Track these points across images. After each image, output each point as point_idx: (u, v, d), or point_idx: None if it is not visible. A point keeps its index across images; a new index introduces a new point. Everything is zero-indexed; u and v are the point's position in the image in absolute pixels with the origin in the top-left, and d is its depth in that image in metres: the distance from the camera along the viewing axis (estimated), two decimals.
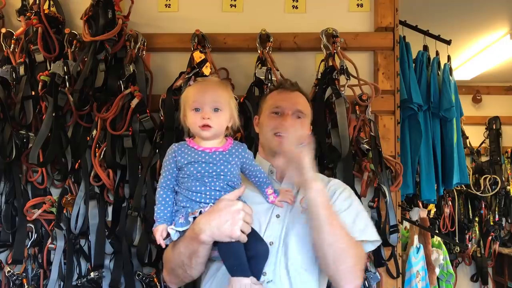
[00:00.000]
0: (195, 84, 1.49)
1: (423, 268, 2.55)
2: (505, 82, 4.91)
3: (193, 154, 1.39)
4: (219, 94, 1.42)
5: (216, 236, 1.32)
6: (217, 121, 1.39)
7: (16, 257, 2.07)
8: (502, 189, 4.52)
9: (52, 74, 2.07)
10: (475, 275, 4.69)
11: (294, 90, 1.69)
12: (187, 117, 1.43)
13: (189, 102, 1.41)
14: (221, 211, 1.32)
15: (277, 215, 1.49)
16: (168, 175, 1.42)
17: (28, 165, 2.12)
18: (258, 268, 1.35)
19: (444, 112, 2.56)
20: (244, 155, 1.45)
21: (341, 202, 1.53)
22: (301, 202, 1.49)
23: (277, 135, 1.57)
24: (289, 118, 1.59)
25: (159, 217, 1.41)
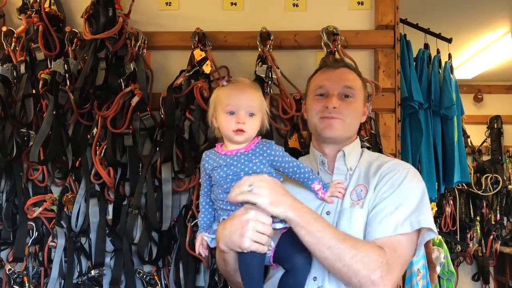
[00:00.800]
0: (230, 85, 1.40)
1: (424, 266, 2.53)
2: (506, 81, 4.90)
3: (217, 159, 1.38)
4: (255, 98, 1.38)
5: (229, 246, 1.27)
6: (251, 126, 1.36)
7: (17, 255, 2.07)
8: (504, 188, 4.52)
9: (53, 72, 2.08)
10: (476, 274, 4.69)
11: (339, 67, 1.55)
12: (218, 119, 1.39)
13: (223, 104, 1.37)
14: (233, 220, 1.27)
15: (327, 212, 1.39)
16: (204, 182, 1.44)
17: (28, 163, 2.13)
18: (297, 282, 1.30)
19: (445, 110, 2.56)
20: (270, 152, 1.37)
21: (386, 189, 1.37)
22: (351, 194, 1.41)
23: (322, 118, 1.47)
24: (334, 99, 1.46)
25: (200, 225, 1.43)
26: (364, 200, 1.38)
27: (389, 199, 1.35)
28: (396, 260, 1.27)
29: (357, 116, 1.53)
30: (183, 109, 2.07)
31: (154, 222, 2.02)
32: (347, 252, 1.23)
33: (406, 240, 1.32)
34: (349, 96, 1.49)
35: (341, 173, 1.48)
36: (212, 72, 2.11)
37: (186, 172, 2.03)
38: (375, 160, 1.50)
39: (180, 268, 2.02)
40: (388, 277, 1.24)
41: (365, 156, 1.53)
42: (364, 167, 1.48)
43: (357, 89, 1.52)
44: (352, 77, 1.53)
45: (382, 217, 1.32)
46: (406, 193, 1.36)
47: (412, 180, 1.40)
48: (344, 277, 1.26)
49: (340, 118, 1.46)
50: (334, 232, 1.26)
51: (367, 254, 1.24)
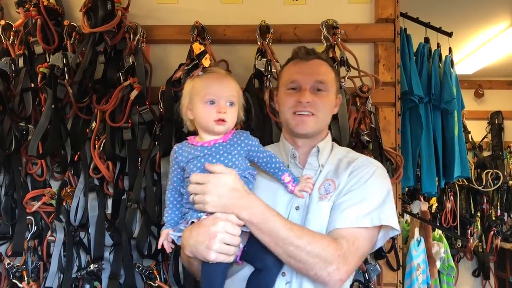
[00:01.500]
0: (207, 75, 1.38)
1: (424, 261, 2.54)
2: (507, 76, 4.89)
3: (193, 151, 1.34)
4: (234, 87, 1.36)
5: (195, 255, 1.25)
6: (232, 116, 1.34)
7: (16, 249, 2.07)
8: (504, 183, 4.52)
9: (51, 66, 2.07)
10: (476, 270, 4.70)
11: (310, 59, 1.51)
12: (196, 110, 1.34)
13: (201, 94, 1.33)
14: (200, 229, 1.24)
15: (297, 207, 1.40)
16: (174, 177, 1.39)
17: (27, 157, 2.12)
18: (267, 281, 1.30)
19: (445, 104, 2.55)
20: (248, 142, 1.36)
21: (353, 183, 1.39)
22: (319, 188, 1.41)
23: (296, 114, 1.46)
24: (307, 94, 1.44)
25: (166, 221, 1.40)
26: (332, 194, 1.39)
27: (354, 193, 1.37)
28: (353, 253, 1.30)
29: (329, 109, 1.52)
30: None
31: (153, 216, 2.02)
32: (302, 249, 1.25)
33: (366, 233, 1.34)
34: (321, 90, 1.48)
35: (313, 169, 1.48)
36: (211, 65, 2.10)
37: None
38: (345, 156, 1.51)
39: (179, 262, 2.02)
40: (344, 268, 1.27)
41: (335, 151, 1.54)
42: (334, 163, 1.49)
43: (330, 82, 1.50)
44: (324, 70, 1.51)
45: (345, 208, 1.35)
46: (371, 189, 1.38)
47: (378, 178, 1.42)
48: (302, 271, 1.29)
49: (313, 113, 1.46)
50: (290, 230, 1.26)
51: (323, 249, 1.26)
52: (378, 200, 1.37)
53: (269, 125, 2.07)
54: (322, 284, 1.29)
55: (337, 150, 1.55)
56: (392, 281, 2.16)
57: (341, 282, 1.28)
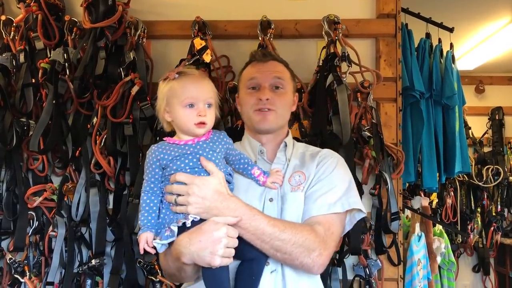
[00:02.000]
0: (183, 77, 1.37)
1: (424, 256, 2.54)
2: (508, 72, 4.88)
3: (177, 149, 1.34)
4: (211, 88, 1.38)
5: (196, 261, 1.25)
6: (211, 117, 1.36)
7: (17, 244, 2.07)
8: (505, 179, 4.53)
9: (52, 62, 2.06)
10: (477, 265, 4.70)
11: (267, 60, 1.60)
12: (175, 113, 1.35)
13: (180, 98, 1.33)
14: (202, 235, 1.24)
15: (270, 199, 1.44)
16: (151, 177, 1.35)
17: (28, 152, 2.13)
18: (255, 271, 1.33)
19: (446, 99, 2.55)
20: (226, 140, 1.42)
21: (321, 173, 1.48)
22: (289, 180, 1.48)
23: (257, 111, 1.52)
24: (266, 91, 1.52)
25: (143, 224, 1.33)
26: (304, 184, 1.47)
27: (324, 182, 1.47)
28: (330, 237, 1.39)
29: (288, 106, 1.59)
30: None
31: None
32: (287, 241, 1.31)
33: (338, 218, 1.45)
34: (279, 88, 1.55)
35: (281, 163, 1.54)
36: (212, 61, 2.10)
37: None
38: (306, 150, 1.60)
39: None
40: (325, 253, 1.36)
41: (296, 146, 1.62)
42: (298, 157, 1.56)
43: (286, 80, 1.58)
44: (281, 69, 1.59)
45: (317, 196, 1.44)
46: (337, 178, 1.49)
47: (341, 167, 1.54)
48: (287, 261, 1.35)
49: (273, 109, 1.53)
50: (273, 225, 1.31)
51: (306, 238, 1.33)
52: (344, 186, 1.48)
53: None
54: (307, 270, 1.37)
55: (297, 145, 1.64)
56: (393, 276, 2.16)
57: (323, 266, 1.37)
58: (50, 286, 2.05)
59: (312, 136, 2.05)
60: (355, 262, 2.13)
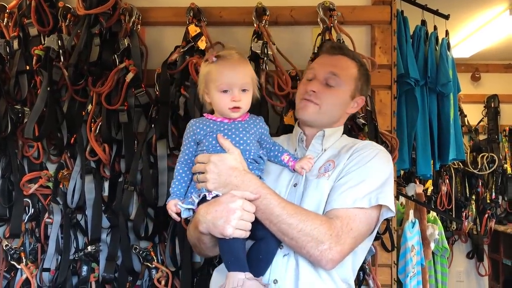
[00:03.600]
0: (220, 62, 1.41)
1: (418, 242, 2.57)
2: (504, 59, 4.87)
3: (212, 125, 1.41)
4: (246, 73, 1.42)
5: (211, 231, 1.29)
6: (246, 101, 1.41)
7: (13, 231, 2.08)
8: (499, 167, 4.55)
9: (47, 48, 2.05)
10: (471, 252, 4.74)
11: (334, 54, 1.56)
12: (212, 97, 1.42)
13: (216, 83, 1.39)
14: (218, 206, 1.28)
15: (295, 184, 1.45)
16: (186, 149, 1.44)
17: (23, 140, 2.12)
18: (268, 250, 1.36)
19: (441, 87, 2.55)
20: (262, 125, 1.47)
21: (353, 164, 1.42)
22: (319, 168, 1.46)
23: (302, 100, 1.52)
24: (315, 83, 1.50)
25: (172, 192, 1.43)
26: (331, 172, 1.43)
27: (354, 174, 1.39)
28: (347, 233, 1.31)
29: (337, 105, 1.55)
30: (178, 85, 2.06)
31: (150, 199, 2.03)
32: (294, 227, 1.28)
33: (363, 214, 1.35)
34: (332, 85, 1.52)
35: (315, 151, 1.53)
36: (207, 48, 2.09)
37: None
38: (350, 142, 1.54)
39: (176, 243, 2.03)
40: (336, 248, 1.29)
41: (342, 140, 1.58)
42: (337, 148, 1.52)
43: (345, 78, 1.53)
44: (344, 65, 1.54)
45: (344, 189, 1.37)
46: (372, 171, 1.40)
47: (380, 160, 1.44)
48: (295, 248, 1.33)
49: (316, 103, 1.50)
50: (283, 208, 1.30)
51: (315, 227, 1.29)
52: (378, 182, 1.39)
53: (265, 108, 2.07)
54: (315, 262, 1.33)
55: (345, 138, 1.59)
56: (386, 262, 2.18)
57: (333, 262, 1.31)
58: (47, 272, 2.06)
59: None
60: None
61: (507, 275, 4.51)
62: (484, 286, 4.83)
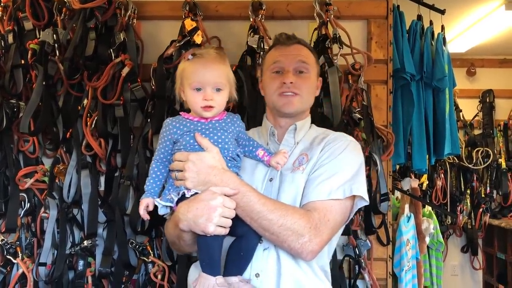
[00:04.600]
0: (195, 60, 1.40)
1: (413, 236, 2.58)
2: (499, 54, 4.88)
3: (189, 125, 1.39)
4: (221, 73, 1.40)
5: (192, 228, 1.31)
6: (219, 101, 1.39)
7: (9, 226, 2.08)
8: (494, 161, 4.55)
9: (42, 43, 2.05)
10: (465, 246, 4.77)
11: (292, 43, 1.58)
12: (186, 95, 1.41)
13: (189, 81, 1.38)
14: (199, 204, 1.30)
15: (271, 178, 1.47)
16: (162, 148, 1.43)
17: (19, 134, 2.12)
18: (248, 247, 1.37)
19: (437, 82, 2.55)
20: (239, 123, 1.46)
21: (326, 156, 1.46)
22: (293, 162, 1.48)
23: (281, 95, 1.52)
24: (290, 75, 1.51)
25: (147, 189, 1.43)
26: (305, 166, 1.46)
27: (328, 166, 1.43)
28: (325, 224, 1.36)
29: (312, 90, 1.60)
30: (174, 80, 2.04)
31: None
32: (275, 222, 1.31)
33: (338, 205, 1.40)
34: (303, 72, 1.54)
35: (288, 145, 1.56)
36: (203, 42, 2.09)
37: None
38: (321, 134, 1.58)
39: None
40: (316, 240, 1.33)
41: (311, 131, 1.61)
42: (309, 140, 1.56)
43: (311, 64, 1.57)
44: (305, 53, 1.58)
45: (319, 182, 1.41)
46: (344, 162, 1.45)
47: (352, 152, 1.49)
48: (277, 243, 1.36)
49: (298, 93, 1.53)
50: (263, 204, 1.33)
51: (295, 222, 1.32)
52: (351, 172, 1.44)
53: (262, 103, 2.05)
54: (296, 255, 1.36)
55: (314, 129, 1.63)
56: (382, 256, 2.20)
57: (313, 253, 1.35)
58: (43, 266, 2.06)
59: None
60: (344, 242, 2.16)
61: (501, 269, 4.53)
62: (478, 279, 4.86)
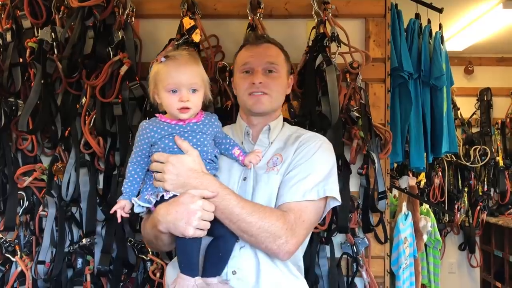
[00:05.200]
0: (168, 62, 1.39)
1: (411, 234, 2.59)
2: (497, 53, 4.89)
3: (167, 128, 1.38)
4: (196, 74, 1.39)
5: (172, 231, 1.32)
6: (195, 102, 1.38)
7: (8, 224, 2.08)
8: (492, 159, 4.58)
9: (40, 41, 2.05)
10: (462, 244, 4.79)
11: (261, 43, 1.61)
12: (161, 97, 1.39)
13: (164, 83, 1.37)
14: (179, 207, 1.30)
15: (244, 178, 1.49)
16: (139, 151, 1.42)
17: (17, 132, 2.12)
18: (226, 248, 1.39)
19: (435, 80, 2.56)
20: (217, 124, 1.46)
21: (300, 157, 1.48)
22: (267, 162, 1.50)
23: (251, 95, 1.55)
24: (259, 75, 1.53)
25: (125, 192, 1.43)
26: (280, 166, 1.48)
27: (301, 167, 1.46)
28: (300, 225, 1.39)
29: (282, 89, 1.61)
30: None
31: None
32: (253, 225, 1.33)
33: (313, 206, 1.43)
34: (272, 71, 1.56)
35: (263, 145, 1.57)
36: (202, 41, 2.09)
37: None
38: (293, 132, 1.61)
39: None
40: (292, 240, 1.36)
41: (285, 129, 1.63)
42: (283, 140, 1.58)
43: (280, 63, 1.59)
44: (274, 52, 1.60)
45: (293, 183, 1.43)
46: (317, 163, 1.47)
47: (324, 152, 1.51)
48: (254, 244, 1.38)
49: (267, 92, 1.55)
50: (242, 207, 1.34)
51: (272, 224, 1.34)
52: (323, 173, 1.46)
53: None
54: (273, 255, 1.39)
55: (287, 128, 1.65)
56: (379, 254, 2.21)
57: (289, 253, 1.38)
58: (42, 265, 2.06)
59: (301, 117, 2.06)
60: (342, 240, 2.17)
61: (499, 267, 4.55)
62: (476, 277, 4.88)
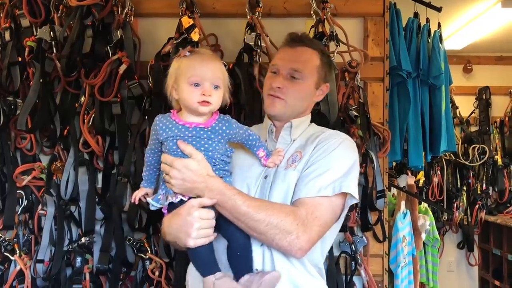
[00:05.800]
0: (193, 56, 1.38)
1: (409, 233, 2.59)
2: (495, 52, 4.89)
3: (173, 128, 1.36)
4: (220, 70, 1.38)
5: (177, 241, 1.35)
6: (216, 98, 1.36)
7: (7, 223, 2.09)
8: (490, 158, 4.58)
9: (39, 40, 2.05)
10: (461, 242, 4.79)
11: (295, 46, 1.56)
12: (181, 91, 1.36)
13: (187, 75, 1.34)
14: (178, 219, 1.32)
15: (266, 176, 1.48)
16: (152, 144, 1.44)
17: (16, 131, 2.12)
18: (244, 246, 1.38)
19: (433, 79, 2.56)
20: (228, 132, 1.39)
21: (318, 154, 1.45)
22: (288, 159, 1.49)
23: (269, 96, 1.54)
24: (280, 79, 1.52)
25: (144, 179, 1.48)
26: (298, 163, 1.46)
27: (319, 163, 1.43)
28: (313, 221, 1.36)
29: (303, 97, 1.57)
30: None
31: None
32: (261, 222, 1.32)
33: (328, 202, 1.40)
34: (296, 78, 1.53)
35: (285, 142, 1.56)
36: (200, 40, 2.09)
37: None
38: (317, 132, 1.57)
39: None
40: (303, 236, 1.33)
41: (309, 129, 1.61)
42: (305, 138, 1.56)
43: (308, 70, 1.54)
44: (305, 58, 1.55)
45: (310, 179, 1.40)
46: (336, 160, 1.44)
47: (345, 149, 1.48)
48: (265, 241, 1.37)
49: (282, 98, 1.52)
50: (248, 206, 1.33)
51: (281, 219, 1.32)
52: (342, 170, 1.43)
53: (258, 100, 2.07)
54: (285, 253, 1.37)
55: (312, 127, 1.63)
56: (378, 252, 2.21)
57: (302, 250, 1.35)
58: (41, 263, 2.07)
59: None
60: (341, 239, 2.17)
61: (497, 265, 4.56)
62: (474, 275, 4.89)
